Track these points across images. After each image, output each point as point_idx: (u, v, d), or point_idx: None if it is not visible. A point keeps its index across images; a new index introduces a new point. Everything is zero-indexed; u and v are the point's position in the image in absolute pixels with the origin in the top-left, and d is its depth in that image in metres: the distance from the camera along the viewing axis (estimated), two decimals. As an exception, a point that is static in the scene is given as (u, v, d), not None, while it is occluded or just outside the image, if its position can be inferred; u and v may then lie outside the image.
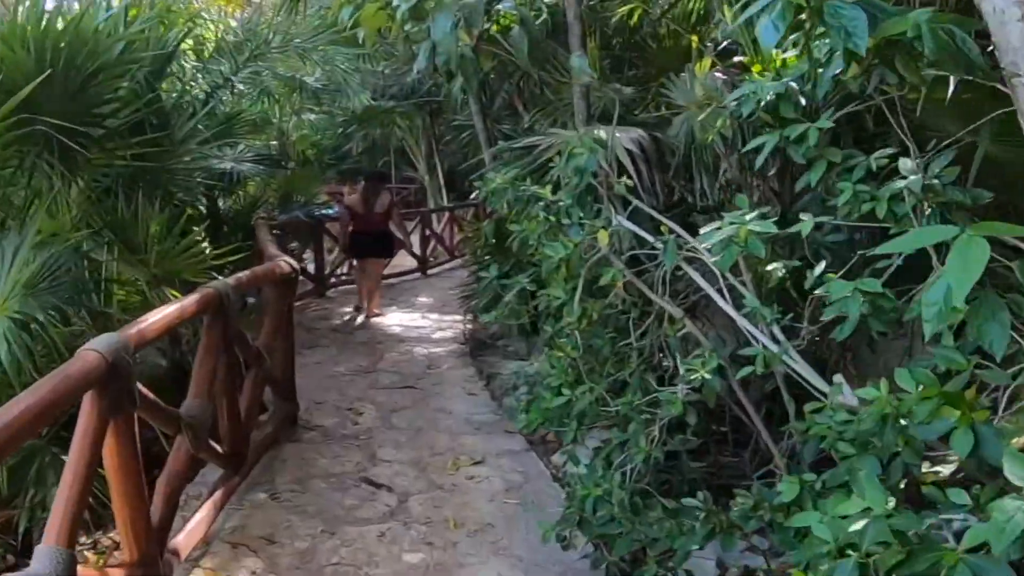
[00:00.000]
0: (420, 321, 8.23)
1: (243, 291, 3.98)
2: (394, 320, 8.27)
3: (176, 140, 4.19)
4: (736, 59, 4.19)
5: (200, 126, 5.92)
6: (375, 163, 17.50)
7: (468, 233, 7.58)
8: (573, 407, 2.95)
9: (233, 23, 6.28)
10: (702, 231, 2.58)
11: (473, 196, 12.17)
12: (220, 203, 7.78)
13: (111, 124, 3.56)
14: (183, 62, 5.66)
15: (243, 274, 3.89)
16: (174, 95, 4.52)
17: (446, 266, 12.17)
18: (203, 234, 7.69)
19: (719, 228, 2.41)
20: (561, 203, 3.10)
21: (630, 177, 3.77)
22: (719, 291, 2.95)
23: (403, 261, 10.97)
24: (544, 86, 5.64)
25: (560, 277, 3.04)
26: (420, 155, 13.80)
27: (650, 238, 3.00)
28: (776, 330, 2.83)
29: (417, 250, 11.39)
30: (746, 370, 2.81)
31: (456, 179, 14.67)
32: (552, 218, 3.04)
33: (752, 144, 2.81)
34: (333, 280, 10.09)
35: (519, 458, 4.64)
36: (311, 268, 9.44)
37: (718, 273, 3.01)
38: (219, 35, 5.51)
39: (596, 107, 5.24)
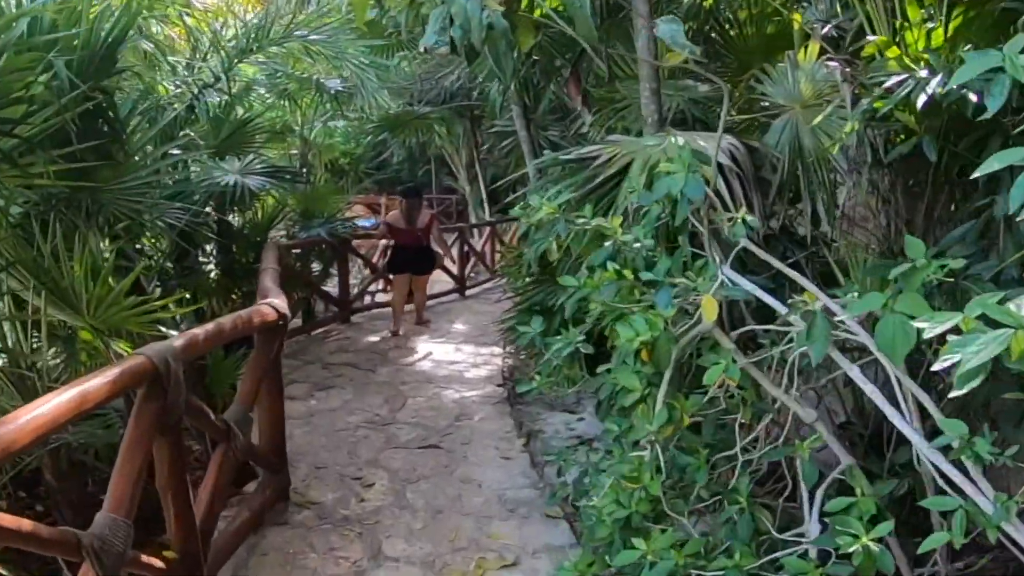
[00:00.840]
0: (453, 354, 7.23)
1: (198, 353, 3.02)
2: (424, 352, 7.30)
3: (131, 152, 3.27)
4: (869, 38, 3.08)
5: (192, 133, 5.07)
6: (415, 173, 16.67)
7: (507, 262, 6.56)
8: (647, 568, 1.89)
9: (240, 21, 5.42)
10: (926, 329, 1.48)
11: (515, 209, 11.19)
12: (233, 219, 6.97)
13: (23, 132, 2.65)
14: (173, 57, 4.80)
15: (201, 330, 2.93)
16: (134, 94, 3.61)
17: (487, 285, 11.17)
18: (212, 256, 6.93)
19: (970, 330, 1.31)
20: (636, 244, 2.04)
21: (723, 204, 2.70)
22: (892, 401, 1.87)
23: (440, 280, 10.02)
24: (605, 76, 4.59)
25: (635, 361, 1.99)
26: (461, 164, 12.88)
27: (779, 307, 1.92)
28: (977, 475, 1.74)
29: (455, 268, 10.40)
30: (939, 538, 1.75)
31: (499, 190, 13.74)
32: (626, 272, 1.98)
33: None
34: (368, 301, 9.18)
35: (563, 558, 3.59)
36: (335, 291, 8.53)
37: (890, 368, 1.93)
38: (209, 25, 4.64)
39: (667, 108, 4.18)
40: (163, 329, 3.10)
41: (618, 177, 3.11)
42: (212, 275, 6.50)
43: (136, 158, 3.36)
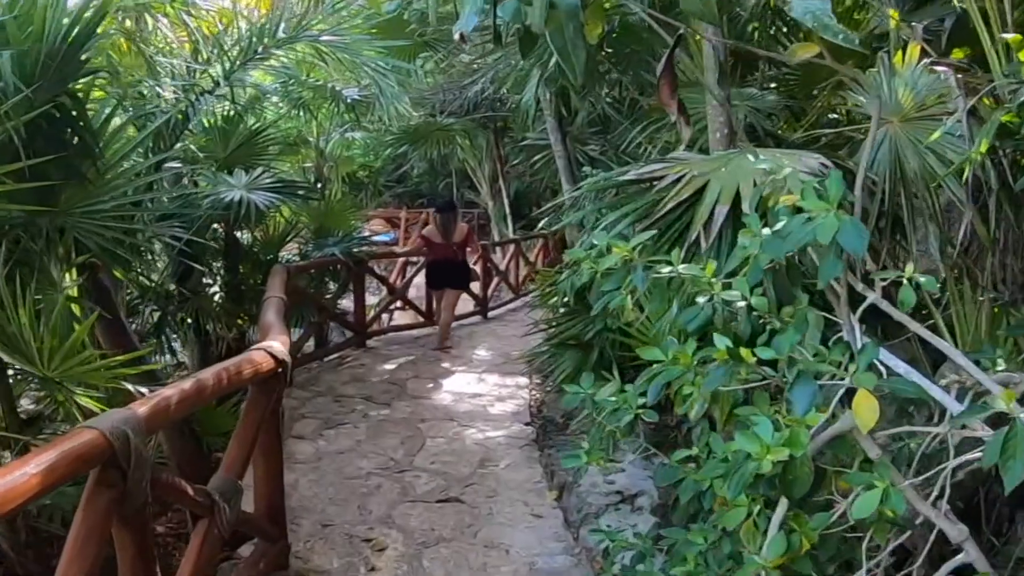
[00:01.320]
0: (476, 386, 6.66)
1: (171, 420, 2.48)
2: (445, 384, 6.73)
3: (104, 168, 2.76)
4: (1006, 35, 2.51)
5: (193, 145, 4.59)
6: (435, 186, 16.17)
7: (540, 287, 5.99)
8: None
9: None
10: None
11: (540, 226, 10.64)
12: (242, 236, 6.48)
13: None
14: (168, 59, 4.31)
15: (174, 390, 2.39)
16: (112, 100, 3.11)
17: (510, 306, 10.59)
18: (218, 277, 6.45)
19: None
20: (740, 304, 1.47)
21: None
22: None
23: (461, 300, 9.45)
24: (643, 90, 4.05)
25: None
26: (483, 178, 12.36)
27: (954, 406, 1.34)
28: None
29: (478, 287, 9.84)
30: None
31: (523, 204, 13.18)
32: (744, 354, 1.40)
33: None
34: (385, 324, 8.66)
35: (609, 652, 3.01)
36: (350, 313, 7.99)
37: None
38: (211, 26, 4.15)
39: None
40: (128, 387, 2.57)
41: (686, 204, 2.56)
42: (216, 298, 6.02)
43: (115, 172, 2.85)
